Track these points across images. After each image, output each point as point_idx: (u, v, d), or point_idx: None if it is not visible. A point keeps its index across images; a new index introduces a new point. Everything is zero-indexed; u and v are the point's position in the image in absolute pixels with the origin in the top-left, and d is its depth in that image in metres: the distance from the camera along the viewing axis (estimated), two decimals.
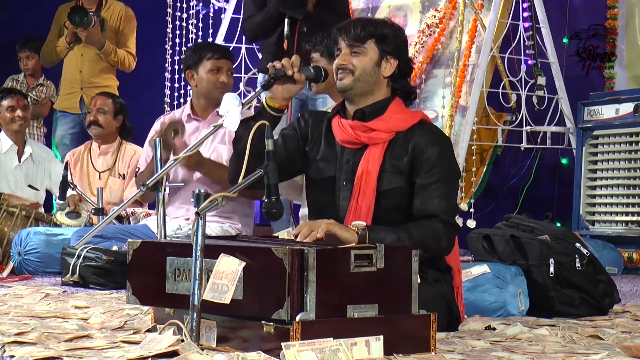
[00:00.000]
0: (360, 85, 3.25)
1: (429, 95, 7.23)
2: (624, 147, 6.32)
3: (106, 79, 7.35)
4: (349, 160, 3.26)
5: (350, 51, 3.26)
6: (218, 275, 2.73)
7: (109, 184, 6.19)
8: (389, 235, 3.02)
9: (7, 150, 6.33)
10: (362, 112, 3.27)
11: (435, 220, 3.13)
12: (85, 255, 4.74)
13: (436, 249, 3.16)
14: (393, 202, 3.20)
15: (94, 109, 6.28)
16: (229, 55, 5.09)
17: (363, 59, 3.26)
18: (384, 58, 3.27)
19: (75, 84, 7.31)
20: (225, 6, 8.12)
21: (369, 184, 3.19)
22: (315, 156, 3.34)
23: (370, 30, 3.26)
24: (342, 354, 2.57)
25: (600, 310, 3.88)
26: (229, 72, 4.99)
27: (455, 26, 7.01)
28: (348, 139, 3.26)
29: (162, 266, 2.95)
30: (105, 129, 6.27)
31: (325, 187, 3.30)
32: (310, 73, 3.34)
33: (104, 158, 6.33)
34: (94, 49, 7.22)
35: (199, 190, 2.79)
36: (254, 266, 2.70)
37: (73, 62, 7.32)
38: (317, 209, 3.34)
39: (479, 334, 3.23)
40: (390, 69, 3.28)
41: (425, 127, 3.27)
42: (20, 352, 2.63)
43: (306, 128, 3.38)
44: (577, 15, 7.34)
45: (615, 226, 6.31)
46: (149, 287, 3.03)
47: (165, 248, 3.00)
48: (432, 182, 3.16)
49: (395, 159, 3.21)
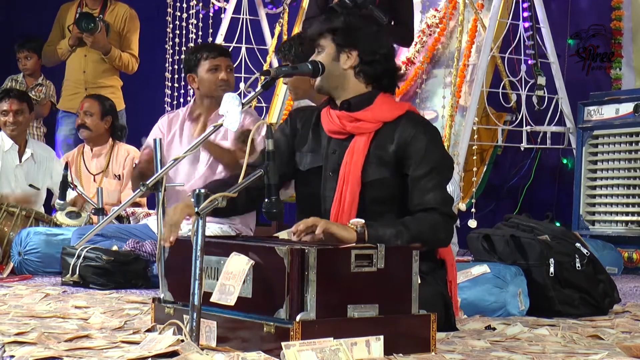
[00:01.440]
0: (326, 82, 3.28)
1: (429, 95, 7.23)
2: (624, 147, 6.32)
3: (110, 80, 7.36)
4: (335, 150, 3.27)
5: (316, 51, 3.31)
6: (227, 276, 2.73)
7: (104, 186, 6.19)
8: (388, 230, 3.01)
9: (8, 149, 6.33)
10: (348, 102, 3.28)
11: (433, 213, 3.13)
12: (85, 255, 4.73)
13: (435, 242, 3.17)
14: (378, 193, 3.20)
15: (81, 112, 6.32)
16: (226, 52, 5.08)
17: (322, 56, 3.28)
18: (341, 51, 3.27)
19: (79, 84, 7.32)
20: (225, 6, 8.12)
21: (354, 174, 3.19)
22: (302, 148, 3.34)
23: (322, 26, 3.29)
24: (342, 354, 2.57)
25: (600, 310, 3.88)
26: (228, 69, 4.98)
27: (455, 26, 7.01)
28: (334, 128, 3.27)
29: (190, 264, 2.94)
30: (93, 131, 6.32)
31: (312, 178, 3.30)
32: (308, 69, 3.32)
33: (97, 160, 6.35)
34: (95, 50, 7.24)
35: (198, 190, 2.79)
36: (255, 266, 2.70)
37: (77, 63, 7.33)
38: (305, 200, 3.34)
39: (479, 334, 3.23)
40: (349, 60, 3.27)
41: (411, 118, 3.26)
42: (20, 352, 2.63)
43: (294, 124, 3.39)
44: (581, 16, 7.34)
45: (615, 226, 6.31)
46: (181, 284, 3.01)
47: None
48: (425, 173, 3.16)
49: (381, 150, 3.21)
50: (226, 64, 4.99)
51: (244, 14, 8.11)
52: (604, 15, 7.15)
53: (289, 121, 3.42)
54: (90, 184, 6.28)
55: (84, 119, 6.34)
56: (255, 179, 2.90)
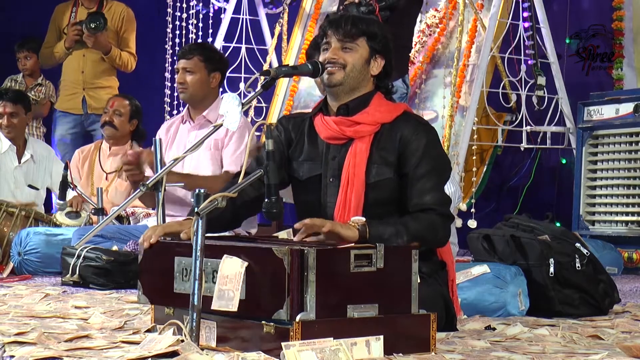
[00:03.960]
0: (349, 81, 3.26)
1: (429, 95, 7.22)
2: (624, 147, 6.32)
3: (108, 80, 7.37)
4: (334, 157, 3.26)
5: (341, 46, 3.27)
6: (223, 280, 2.72)
7: (114, 185, 6.19)
8: (388, 229, 3.01)
9: (5, 150, 6.32)
10: (346, 106, 3.27)
11: (431, 213, 3.14)
12: (85, 255, 4.73)
13: (433, 241, 3.18)
14: (382, 194, 3.20)
15: (110, 110, 6.26)
16: (186, 53, 5.04)
17: (354, 55, 3.26)
18: (373, 56, 3.29)
19: (77, 84, 7.32)
20: (225, 6, 8.12)
21: (358, 176, 3.19)
22: (299, 157, 3.33)
23: (362, 27, 3.27)
24: (342, 354, 2.57)
25: (600, 310, 3.88)
26: (185, 71, 4.97)
27: (455, 26, 7.01)
28: (333, 134, 3.26)
29: (170, 266, 2.95)
30: (119, 131, 6.27)
31: (311, 186, 3.30)
32: (308, 69, 3.31)
33: (113, 159, 6.32)
34: (96, 50, 7.24)
35: (198, 190, 2.79)
36: (254, 266, 2.70)
37: (75, 63, 7.33)
38: (305, 208, 3.33)
39: (479, 334, 3.23)
40: (377, 67, 3.30)
41: (410, 118, 3.28)
42: (20, 352, 2.63)
43: (287, 133, 3.38)
44: (581, 16, 7.34)
45: (615, 226, 6.31)
46: (158, 286, 3.03)
47: (174, 248, 2.99)
48: (424, 174, 3.17)
49: (383, 150, 3.22)
50: (182, 65, 4.99)
51: (243, 14, 8.11)
52: (604, 15, 7.15)
53: (282, 130, 3.39)
54: (101, 181, 6.26)
55: (112, 117, 6.24)
56: (254, 179, 2.91)
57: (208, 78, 5.00)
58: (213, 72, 5.01)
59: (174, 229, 3.08)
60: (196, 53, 5.01)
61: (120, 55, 7.28)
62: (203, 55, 5.01)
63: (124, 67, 7.37)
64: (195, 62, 4.98)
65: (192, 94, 4.98)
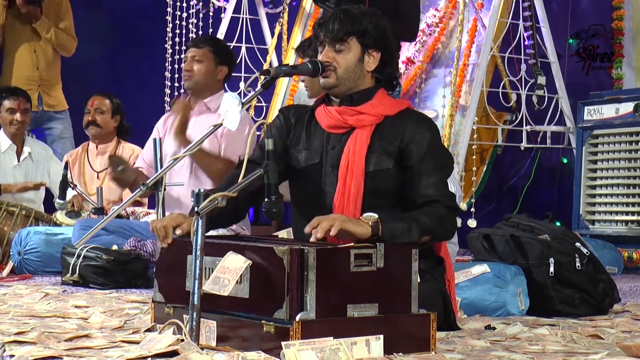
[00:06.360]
0: (344, 82, 3.25)
1: (429, 94, 7.22)
2: (624, 147, 6.32)
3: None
4: (334, 146, 3.25)
5: (332, 48, 3.26)
6: (222, 270, 2.72)
7: (107, 183, 6.19)
8: (400, 224, 2.98)
9: (6, 149, 6.33)
10: (350, 97, 3.26)
11: (438, 206, 3.13)
12: (85, 254, 4.73)
13: (442, 235, 3.17)
14: (380, 184, 3.19)
15: (91, 109, 6.27)
16: (197, 42, 5.08)
17: (346, 56, 3.25)
18: (366, 52, 3.26)
19: (32, 81, 7.27)
20: (225, 6, 8.12)
21: (357, 164, 3.18)
22: (297, 146, 3.32)
23: (349, 27, 3.23)
24: (342, 354, 2.57)
25: (600, 310, 3.88)
26: (194, 59, 4.99)
27: (455, 25, 7.01)
28: (335, 123, 3.26)
29: (183, 264, 2.94)
30: (103, 128, 6.27)
31: (310, 175, 3.27)
32: (308, 68, 3.30)
33: (101, 158, 6.33)
34: (46, 44, 7.19)
35: (198, 190, 2.79)
36: (254, 265, 2.70)
37: (27, 60, 7.27)
38: (302, 198, 3.32)
39: (479, 334, 3.23)
40: (373, 62, 3.28)
41: (413, 113, 3.29)
42: (20, 352, 2.62)
43: (287, 121, 3.37)
44: (581, 16, 7.34)
45: (615, 226, 6.31)
46: (173, 285, 3.02)
47: (187, 246, 2.96)
48: (429, 168, 3.17)
49: (384, 141, 3.21)
50: (191, 54, 5.04)
51: (244, 13, 8.11)
52: (604, 15, 7.15)
53: (282, 118, 3.38)
54: (93, 181, 6.27)
55: (94, 115, 6.25)
56: (255, 178, 2.90)
57: (215, 70, 5.03)
58: (221, 65, 5.04)
59: (180, 221, 3.07)
60: (208, 44, 5.06)
61: (52, 30, 7.19)
62: (214, 47, 5.06)
63: (62, 47, 7.31)
64: (205, 52, 5.01)
65: (196, 82, 4.99)
